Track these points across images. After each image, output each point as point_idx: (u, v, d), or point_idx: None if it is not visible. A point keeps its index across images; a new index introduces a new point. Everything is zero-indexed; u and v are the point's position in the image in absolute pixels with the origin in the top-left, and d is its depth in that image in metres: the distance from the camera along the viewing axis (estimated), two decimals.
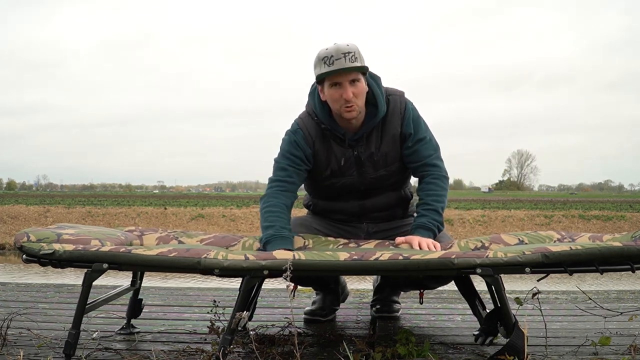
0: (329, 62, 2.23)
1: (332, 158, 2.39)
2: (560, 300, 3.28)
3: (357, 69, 2.24)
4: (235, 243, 2.39)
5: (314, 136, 2.39)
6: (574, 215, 22.15)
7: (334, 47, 2.24)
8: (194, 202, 33.09)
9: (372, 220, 2.53)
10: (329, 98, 2.31)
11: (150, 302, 3.05)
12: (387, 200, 2.50)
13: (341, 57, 2.21)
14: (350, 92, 2.25)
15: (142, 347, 2.23)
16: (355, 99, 2.27)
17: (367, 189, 2.45)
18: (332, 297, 2.71)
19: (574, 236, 2.28)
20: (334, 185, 2.44)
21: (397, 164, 2.43)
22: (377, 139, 2.38)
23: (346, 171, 2.40)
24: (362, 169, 2.40)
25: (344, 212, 2.52)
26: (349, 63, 2.22)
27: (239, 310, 1.89)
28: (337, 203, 2.51)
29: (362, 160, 2.39)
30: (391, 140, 2.39)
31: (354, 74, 2.25)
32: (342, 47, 2.23)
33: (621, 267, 1.92)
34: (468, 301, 2.31)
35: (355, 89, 2.27)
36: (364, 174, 2.41)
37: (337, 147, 2.39)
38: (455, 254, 1.92)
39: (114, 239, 2.17)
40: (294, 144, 2.39)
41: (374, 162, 2.40)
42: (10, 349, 2.15)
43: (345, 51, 2.22)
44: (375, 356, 1.97)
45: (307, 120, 2.41)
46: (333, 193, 2.49)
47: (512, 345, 1.89)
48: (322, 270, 1.91)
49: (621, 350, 2.16)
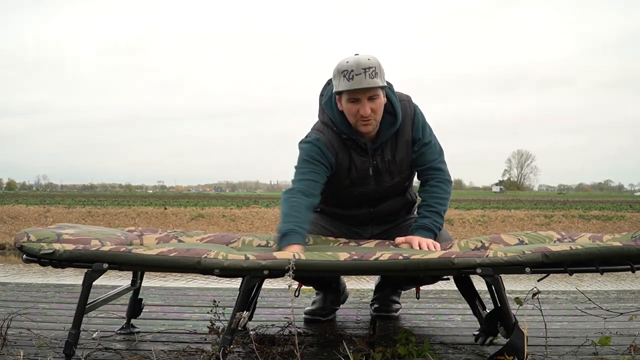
0: (349, 77, 2.18)
1: (353, 168, 2.38)
2: (560, 300, 3.28)
3: (376, 87, 2.21)
4: (235, 240, 2.39)
5: (336, 147, 2.36)
6: (574, 215, 22.14)
7: (354, 61, 2.19)
8: (194, 202, 33.09)
9: (377, 223, 2.55)
10: (347, 111, 2.29)
11: (150, 302, 3.05)
12: (395, 205, 2.52)
13: (361, 72, 2.17)
14: (368, 109, 2.23)
15: (142, 347, 2.23)
16: (373, 114, 2.26)
17: (381, 197, 2.46)
18: (333, 296, 2.71)
19: (574, 236, 2.28)
20: (351, 194, 2.44)
21: (409, 170, 2.47)
22: (392, 146, 2.39)
23: (365, 180, 2.40)
24: (379, 177, 2.40)
25: (354, 219, 2.54)
26: (368, 79, 2.17)
27: (239, 310, 1.89)
28: (348, 210, 2.52)
29: (380, 169, 2.39)
30: (404, 146, 2.39)
31: (372, 91, 2.22)
32: (363, 62, 2.18)
33: (621, 267, 1.92)
34: (468, 301, 2.31)
35: (373, 104, 2.25)
36: (381, 183, 2.42)
37: (358, 157, 2.37)
38: (455, 253, 1.92)
39: (114, 239, 2.17)
40: (318, 150, 2.34)
41: (391, 170, 2.41)
42: (10, 349, 2.15)
43: (365, 66, 2.17)
44: (375, 356, 1.97)
45: (327, 131, 2.37)
46: (347, 202, 2.49)
47: (512, 345, 1.89)
48: (322, 271, 1.91)
49: (621, 350, 2.16)
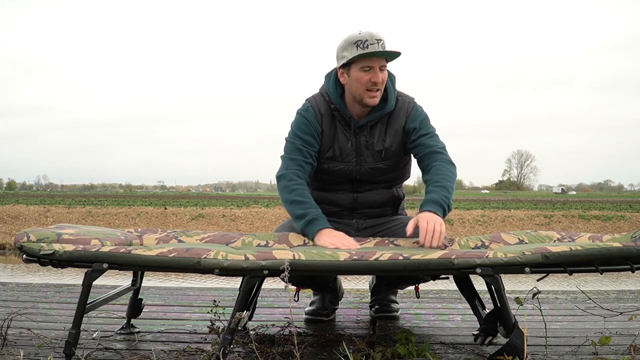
0: (364, 46, 2.29)
1: (336, 140, 2.45)
2: (560, 300, 3.28)
3: (393, 54, 2.33)
4: (235, 240, 2.39)
5: (324, 114, 2.45)
6: (574, 215, 22.15)
7: (367, 32, 2.31)
8: (194, 202, 33.11)
9: (362, 217, 2.55)
10: (356, 81, 2.35)
11: (150, 302, 3.05)
12: (379, 196, 2.53)
13: (375, 42, 2.29)
14: (380, 77, 2.33)
15: (142, 347, 2.23)
16: (382, 84, 2.35)
17: (361, 179, 2.48)
18: (331, 295, 2.72)
19: (574, 236, 2.28)
20: (333, 168, 2.47)
21: (395, 160, 2.48)
22: (381, 131, 2.44)
23: (346, 157, 2.45)
24: (361, 157, 2.44)
25: (337, 204, 2.54)
26: (381, 49, 2.30)
27: (239, 310, 1.89)
28: (331, 194, 2.54)
29: (362, 148, 2.44)
30: (394, 134, 2.44)
31: (383, 61, 2.34)
32: (375, 34, 2.32)
33: (621, 267, 1.92)
34: (468, 301, 2.32)
35: (383, 75, 2.35)
36: (361, 163, 2.45)
37: (342, 131, 2.45)
38: (455, 254, 1.92)
39: (114, 239, 2.17)
40: (305, 122, 2.44)
41: (374, 152, 2.44)
42: (10, 348, 2.15)
43: (378, 38, 2.31)
44: (375, 356, 1.97)
45: (319, 99, 2.48)
46: (328, 179, 2.51)
47: (512, 345, 1.89)
48: (322, 271, 1.91)
49: (621, 350, 2.16)
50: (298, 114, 2.48)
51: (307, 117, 2.44)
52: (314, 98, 2.50)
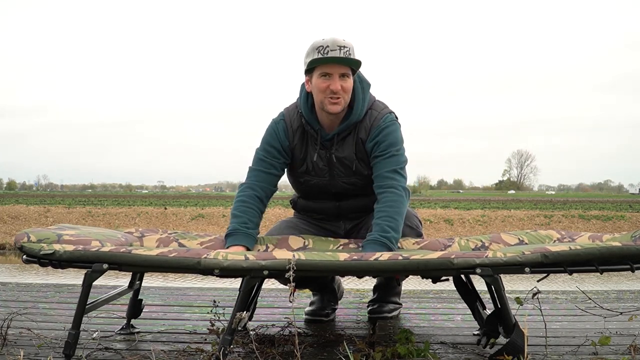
0: (324, 52, 2.22)
1: (308, 155, 2.39)
2: (560, 300, 3.28)
3: (351, 62, 2.24)
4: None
5: (295, 128, 2.38)
6: (573, 215, 22.15)
7: (330, 39, 2.24)
8: (194, 202, 33.11)
9: (348, 219, 2.53)
10: (316, 88, 2.29)
11: (150, 302, 3.05)
12: (363, 203, 2.46)
13: (336, 49, 2.21)
14: (338, 84, 2.25)
15: (142, 347, 2.23)
16: (343, 92, 2.27)
17: (338, 192, 2.44)
18: (331, 295, 2.71)
19: (574, 236, 2.29)
20: (308, 183, 2.44)
21: (370, 173, 2.37)
22: (351, 144, 2.35)
23: (319, 171, 2.40)
24: (333, 171, 2.38)
25: (323, 212, 2.53)
26: (343, 56, 2.22)
27: (239, 310, 1.89)
28: (315, 202, 2.52)
29: (333, 163, 2.37)
30: (361, 148, 2.35)
31: (345, 68, 2.26)
32: (339, 40, 2.23)
33: (621, 267, 1.92)
34: (468, 303, 2.31)
35: (344, 83, 2.27)
36: (335, 178, 2.40)
37: (312, 145, 2.38)
38: (454, 254, 1.92)
39: (114, 240, 2.17)
40: (273, 135, 2.39)
41: (346, 167, 2.37)
42: (10, 348, 2.15)
43: (341, 44, 2.22)
44: (375, 356, 1.97)
45: (292, 112, 2.41)
46: (309, 191, 2.50)
47: (512, 344, 1.89)
48: (322, 271, 1.91)
49: (621, 350, 2.17)
50: (269, 126, 2.41)
51: (275, 130, 2.39)
52: (288, 110, 2.42)
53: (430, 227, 18.21)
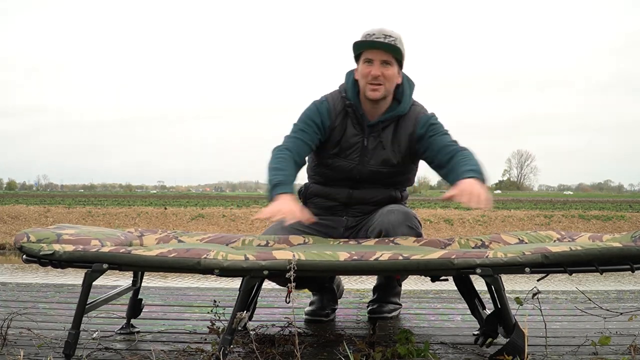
0: (369, 38, 2.31)
1: (344, 137, 2.44)
2: (560, 300, 3.28)
3: (390, 48, 2.31)
4: (235, 240, 2.40)
5: (338, 111, 2.44)
6: (573, 215, 22.16)
7: (378, 28, 2.33)
8: (194, 202, 33.11)
9: (355, 213, 2.54)
10: (359, 74, 2.38)
11: (150, 302, 3.05)
12: (375, 193, 2.50)
13: (382, 37, 2.30)
14: (378, 70, 2.32)
15: (142, 347, 2.23)
16: (383, 79, 2.33)
17: (362, 179, 2.47)
18: (330, 295, 2.71)
19: (574, 236, 2.29)
20: (334, 164, 2.47)
21: (399, 168, 2.47)
22: (390, 135, 2.43)
23: (350, 154, 2.44)
24: (364, 157, 2.43)
25: (333, 198, 2.53)
26: (386, 42, 2.29)
27: (239, 310, 1.89)
28: (328, 188, 2.53)
29: (367, 149, 2.43)
30: (402, 141, 2.43)
31: (386, 55, 2.32)
32: (386, 30, 2.32)
33: (621, 267, 1.92)
34: (467, 302, 2.31)
35: (385, 69, 2.33)
36: (364, 163, 2.45)
37: (352, 129, 2.44)
38: (455, 253, 1.92)
39: (114, 239, 2.17)
40: (315, 112, 2.44)
41: (378, 155, 2.43)
42: (10, 349, 2.15)
43: (387, 33, 2.31)
44: (375, 356, 1.97)
45: (336, 95, 2.48)
46: (330, 174, 2.50)
47: (512, 344, 1.89)
48: (322, 271, 1.91)
49: (621, 350, 2.16)
50: (312, 104, 2.48)
51: (319, 108, 2.45)
52: (332, 94, 2.50)
53: (430, 227, 18.23)
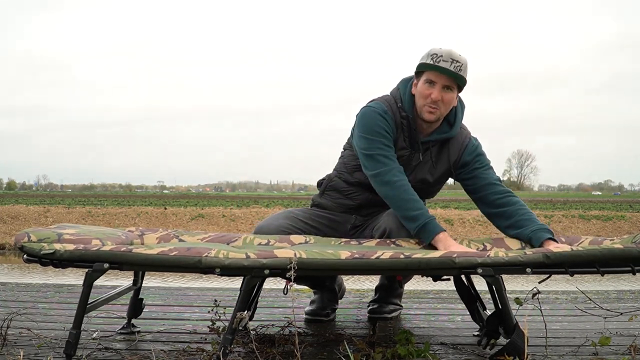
0: (436, 60, 2.28)
1: (396, 149, 2.40)
2: (560, 300, 3.28)
3: (456, 76, 2.28)
4: (236, 239, 2.40)
5: (397, 122, 2.40)
6: (574, 215, 22.16)
7: (447, 50, 2.29)
8: (194, 202, 33.09)
9: (363, 215, 2.53)
10: (419, 92, 2.35)
11: (150, 302, 3.05)
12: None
13: (449, 60, 2.27)
14: (439, 95, 2.30)
15: (143, 347, 2.23)
16: (442, 103, 2.32)
17: None
18: (330, 295, 2.71)
19: (574, 242, 2.28)
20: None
21: (432, 188, 2.50)
22: (435, 155, 2.44)
23: None
24: (406, 172, 2.38)
25: (351, 198, 2.52)
26: (452, 69, 2.27)
27: (239, 310, 1.89)
28: (350, 188, 2.51)
29: (411, 165, 2.42)
30: (445, 162, 2.44)
31: (450, 80, 2.30)
32: (454, 54, 2.29)
33: (622, 269, 1.92)
34: (467, 305, 2.31)
35: (445, 95, 2.31)
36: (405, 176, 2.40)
37: (401, 142, 2.41)
38: (456, 253, 1.92)
39: (115, 239, 2.17)
40: (386, 124, 2.35)
41: (419, 173, 2.44)
42: (10, 349, 2.15)
43: (454, 58, 2.28)
44: (375, 356, 1.97)
45: (393, 105, 2.42)
46: (362, 180, 2.46)
47: (512, 345, 1.89)
48: (323, 269, 1.91)
49: (621, 350, 2.16)
50: (376, 112, 2.36)
51: (387, 118, 2.36)
52: (387, 102, 2.40)
53: None
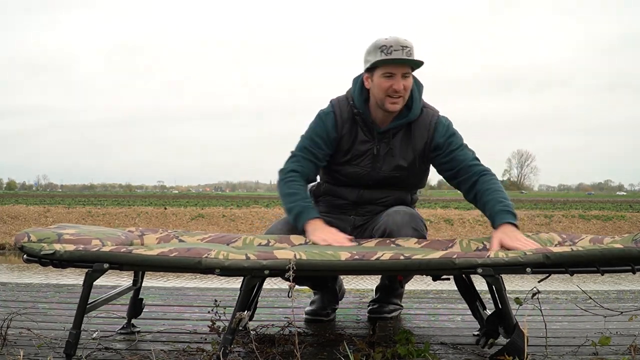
0: (387, 52, 2.29)
1: (355, 145, 2.44)
2: (560, 300, 3.28)
3: (415, 63, 2.32)
4: (236, 239, 2.40)
5: (345, 120, 2.44)
6: (574, 215, 22.15)
7: (393, 38, 2.30)
8: (194, 202, 33.09)
9: (361, 215, 2.54)
10: (377, 87, 2.35)
11: (150, 302, 3.05)
12: (386, 195, 2.51)
13: (399, 49, 2.28)
14: (401, 84, 2.32)
15: (142, 347, 2.23)
16: (404, 92, 2.34)
17: (374, 184, 2.48)
18: (330, 295, 2.71)
19: (575, 239, 2.28)
20: (346, 171, 2.48)
21: (413, 171, 2.48)
22: (403, 141, 2.43)
23: (362, 161, 2.45)
24: (377, 164, 2.44)
25: (343, 197, 2.54)
26: (406, 56, 2.29)
27: (239, 310, 1.89)
28: (340, 189, 2.54)
29: (381, 156, 2.44)
30: (415, 145, 2.43)
31: (407, 68, 2.33)
32: (401, 40, 2.31)
33: (622, 269, 1.92)
34: (467, 302, 2.31)
35: (405, 82, 2.34)
36: (376, 169, 2.45)
37: (362, 136, 2.44)
38: (456, 254, 1.92)
39: (115, 239, 2.17)
40: (321, 126, 2.45)
41: (390, 161, 2.44)
42: (10, 349, 2.15)
43: (404, 44, 2.30)
44: (375, 356, 1.97)
45: (343, 103, 2.47)
46: (342, 179, 2.52)
47: (512, 345, 1.89)
48: (323, 270, 1.91)
49: (621, 350, 2.16)
50: (318, 116, 2.48)
51: (325, 121, 2.45)
52: (338, 101, 2.49)
53: (430, 227, 18.18)
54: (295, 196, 2.37)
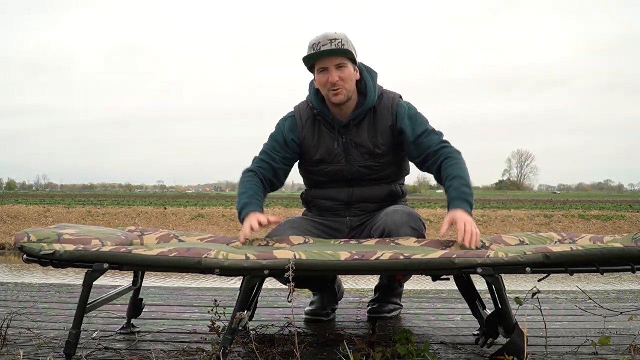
0: (317, 48, 2.33)
1: (322, 143, 2.48)
2: (560, 300, 3.28)
3: (340, 52, 2.34)
4: (236, 240, 2.40)
5: (305, 121, 2.51)
6: (574, 215, 22.15)
7: (322, 34, 2.36)
8: (194, 202, 33.10)
9: (358, 212, 2.54)
10: (318, 83, 2.42)
11: (150, 302, 3.05)
12: (376, 192, 2.52)
13: (327, 43, 2.33)
14: (335, 76, 2.35)
15: (142, 347, 2.23)
16: (342, 82, 2.37)
17: (354, 178, 2.50)
18: (330, 295, 2.71)
19: (575, 237, 2.29)
20: (324, 171, 2.51)
21: (388, 158, 2.48)
22: (369, 129, 2.46)
23: (334, 158, 2.48)
24: (349, 156, 2.47)
25: (334, 199, 2.55)
26: (334, 48, 2.32)
27: (239, 310, 1.89)
28: (327, 190, 2.55)
29: (350, 148, 2.46)
30: (382, 132, 2.45)
31: (339, 59, 2.36)
32: (330, 34, 2.34)
33: (622, 268, 1.92)
34: (468, 301, 2.31)
35: (341, 73, 2.37)
36: (351, 162, 2.47)
37: (327, 133, 2.49)
38: (456, 253, 1.92)
39: (115, 239, 2.17)
40: (279, 130, 2.53)
41: (363, 151, 2.46)
42: (10, 349, 2.15)
43: (332, 38, 2.33)
44: (375, 356, 1.97)
45: (303, 106, 2.55)
46: (323, 180, 2.54)
47: (512, 345, 1.89)
48: (323, 270, 1.91)
49: (621, 350, 2.16)
50: (280, 121, 2.56)
51: (282, 126, 2.52)
52: (299, 106, 2.56)
53: (430, 227, 18.13)
54: (243, 194, 2.41)
